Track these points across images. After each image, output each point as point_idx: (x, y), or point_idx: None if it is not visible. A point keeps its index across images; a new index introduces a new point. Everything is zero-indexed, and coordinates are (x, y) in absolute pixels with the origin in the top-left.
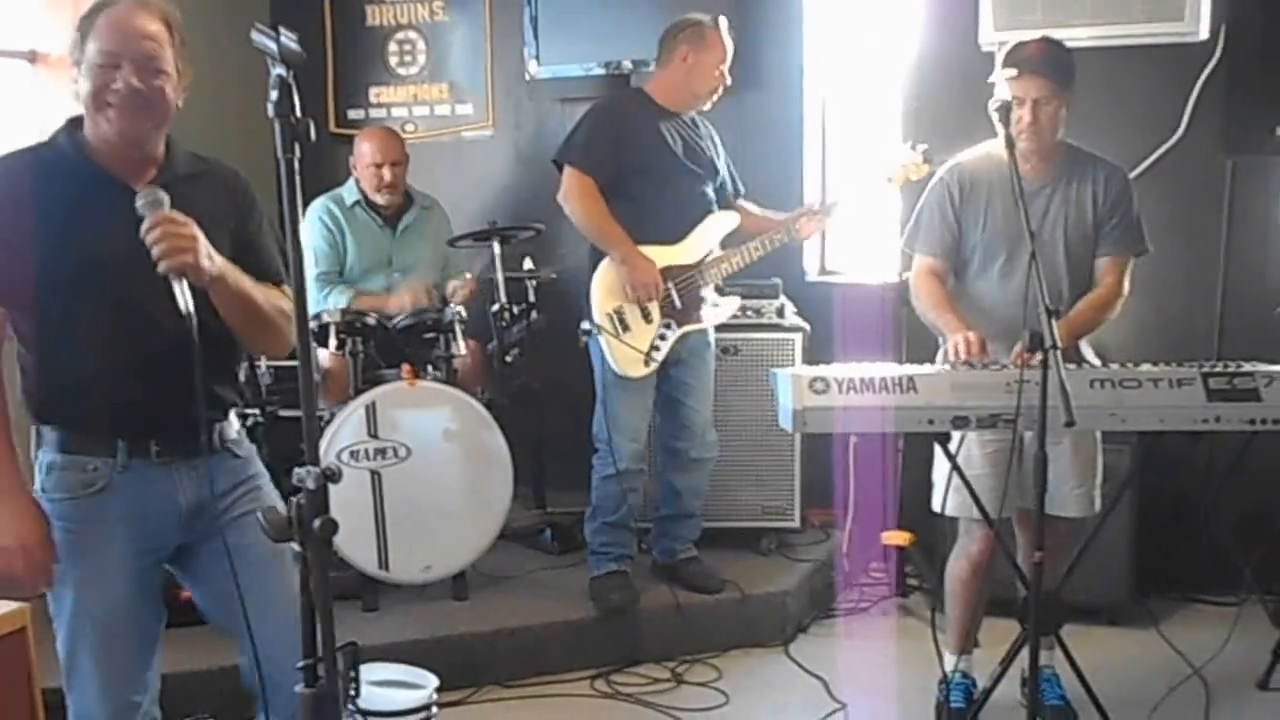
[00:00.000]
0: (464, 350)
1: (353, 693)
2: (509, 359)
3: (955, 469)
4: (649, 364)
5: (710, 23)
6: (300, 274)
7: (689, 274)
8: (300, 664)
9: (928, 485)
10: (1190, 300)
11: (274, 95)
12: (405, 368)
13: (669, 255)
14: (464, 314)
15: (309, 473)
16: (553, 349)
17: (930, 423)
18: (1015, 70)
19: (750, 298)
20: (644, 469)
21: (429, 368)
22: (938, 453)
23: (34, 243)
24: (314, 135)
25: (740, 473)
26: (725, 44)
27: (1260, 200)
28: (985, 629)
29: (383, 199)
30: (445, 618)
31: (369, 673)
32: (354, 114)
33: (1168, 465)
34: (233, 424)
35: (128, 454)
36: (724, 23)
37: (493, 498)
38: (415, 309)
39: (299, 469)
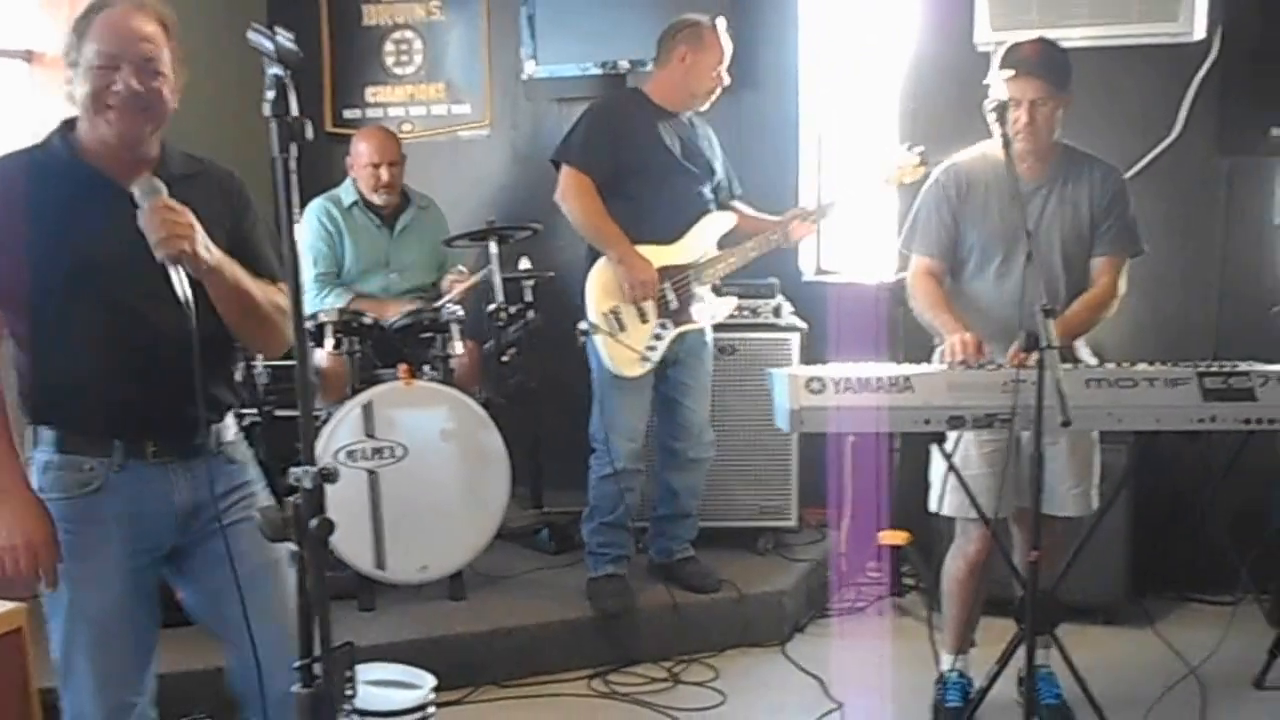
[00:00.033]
0: (461, 350)
1: (349, 693)
2: (506, 359)
3: (952, 469)
4: (645, 364)
5: (709, 23)
6: (296, 273)
7: (685, 274)
8: (297, 664)
9: (924, 485)
10: (1186, 300)
11: (270, 95)
12: (402, 367)
13: (666, 255)
14: (461, 314)
15: (306, 472)
16: (550, 349)
17: (926, 422)
18: (1012, 71)
19: (747, 297)
20: (641, 469)
21: (426, 367)
22: (935, 452)
23: (29, 245)
24: (310, 135)
25: (737, 472)
26: (723, 45)
27: (1256, 200)
28: (981, 628)
29: (380, 199)
30: (442, 617)
31: (365, 672)
32: (351, 114)
33: (1164, 465)
34: (230, 426)
35: (124, 454)
36: (722, 23)
37: (490, 497)
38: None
39: (296, 469)
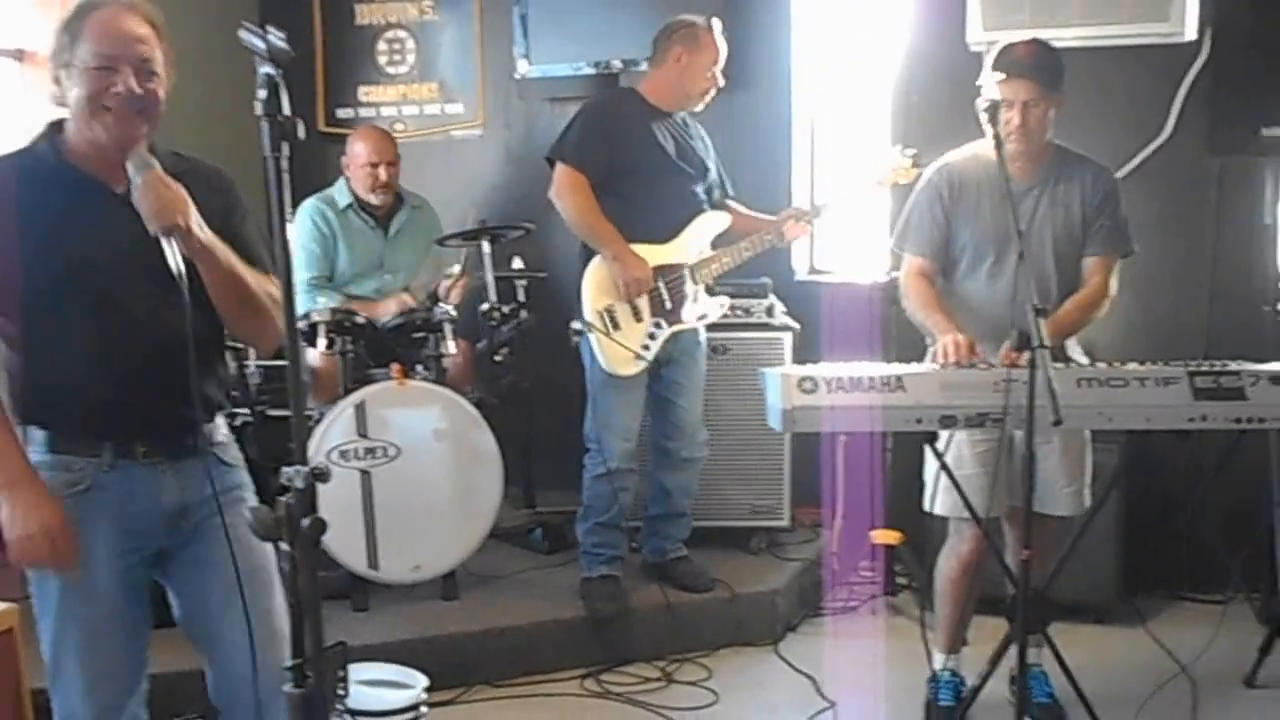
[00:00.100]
0: (454, 350)
1: (341, 692)
2: (499, 358)
3: (944, 468)
4: (639, 362)
5: (704, 24)
6: (288, 273)
7: (680, 273)
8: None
9: (916, 484)
10: (1177, 300)
11: (262, 94)
12: (395, 367)
13: (660, 254)
14: (454, 313)
15: (298, 472)
16: (542, 348)
17: (918, 422)
18: (1004, 73)
19: (740, 297)
20: (635, 468)
21: (418, 367)
22: (928, 452)
23: (19, 248)
24: (302, 134)
25: (730, 472)
26: (718, 46)
27: (1246, 200)
28: (974, 627)
29: (377, 199)
30: (435, 617)
31: (358, 672)
32: (343, 113)
33: (1155, 464)
34: (220, 427)
35: (113, 454)
36: (718, 25)
37: (482, 497)
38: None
39: (288, 469)
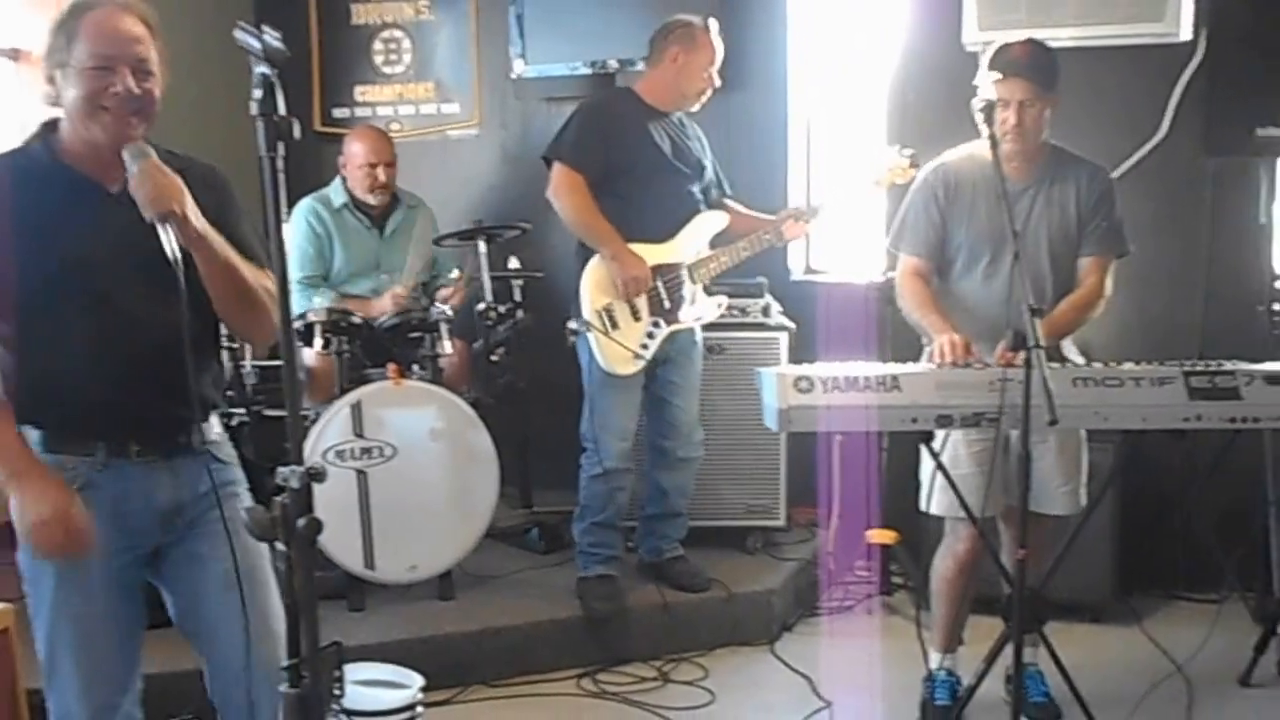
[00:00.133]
0: (450, 349)
1: (337, 692)
2: (495, 358)
3: (940, 468)
4: (638, 361)
5: (701, 24)
6: (284, 273)
7: (677, 273)
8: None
9: (912, 484)
10: (1172, 300)
11: (257, 94)
12: (391, 367)
13: (658, 254)
14: (450, 313)
15: (293, 472)
16: (539, 348)
17: (914, 421)
18: (1000, 73)
19: (736, 297)
20: (631, 468)
21: (415, 367)
22: (924, 452)
23: (13, 248)
24: (298, 134)
25: (726, 472)
26: (715, 46)
27: (1241, 200)
28: (969, 626)
29: (374, 199)
30: (431, 617)
31: (354, 672)
32: (339, 113)
33: (1150, 464)
34: (214, 426)
35: (107, 454)
36: (714, 25)
37: (479, 497)
38: (399, 309)
39: (283, 468)
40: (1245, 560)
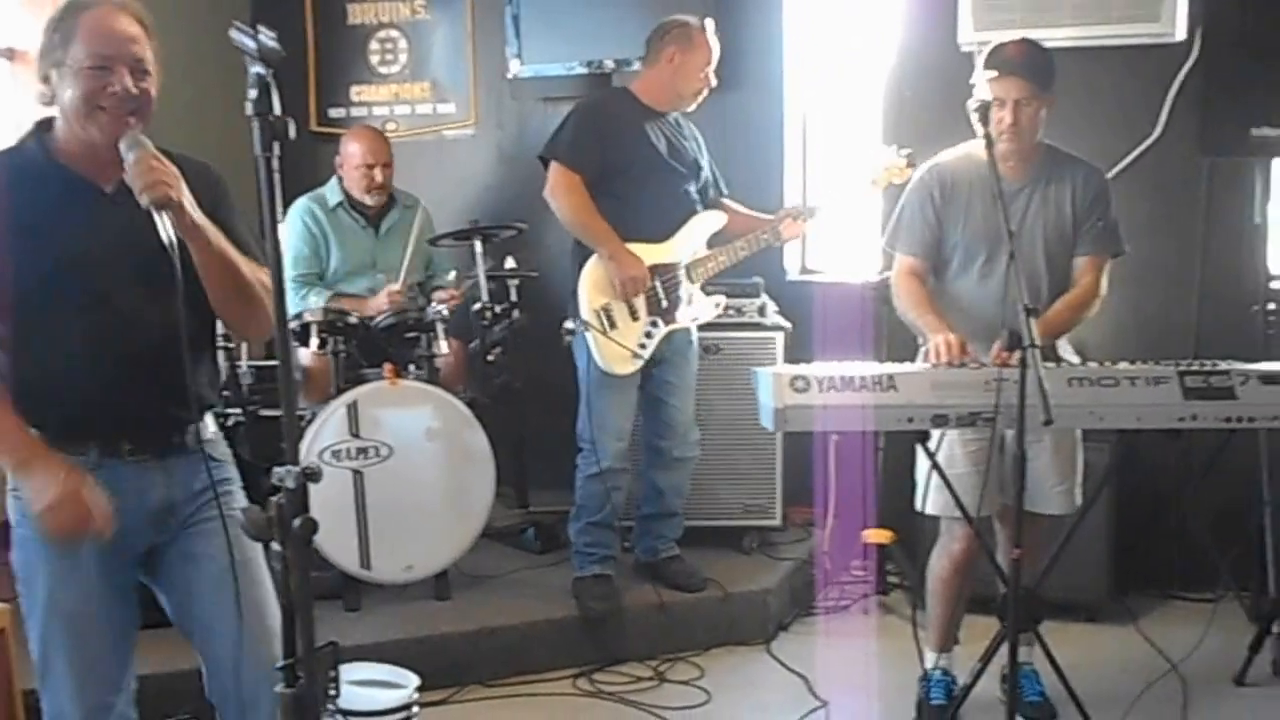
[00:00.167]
0: (446, 349)
1: (333, 692)
2: (491, 358)
3: (935, 468)
4: (636, 361)
5: (698, 25)
6: (279, 273)
7: (675, 272)
8: (280, 664)
9: (908, 483)
10: (1167, 300)
11: (252, 94)
12: (387, 367)
13: (655, 254)
14: (446, 313)
15: (289, 472)
16: (535, 348)
17: (910, 421)
18: (995, 71)
19: (732, 296)
20: (627, 468)
21: (411, 367)
22: (920, 451)
23: (9, 248)
24: (293, 134)
25: (722, 471)
26: (712, 46)
27: (1236, 200)
28: (965, 626)
29: (371, 200)
30: (427, 617)
31: (349, 672)
32: (335, 113)
33: (1145, 463)
34: (209, 425)
35: (99, 453)
36: (711, 25)
37: (475, 497)
38: (395, 309)
39: (279, 469)
40: (1240, 559)
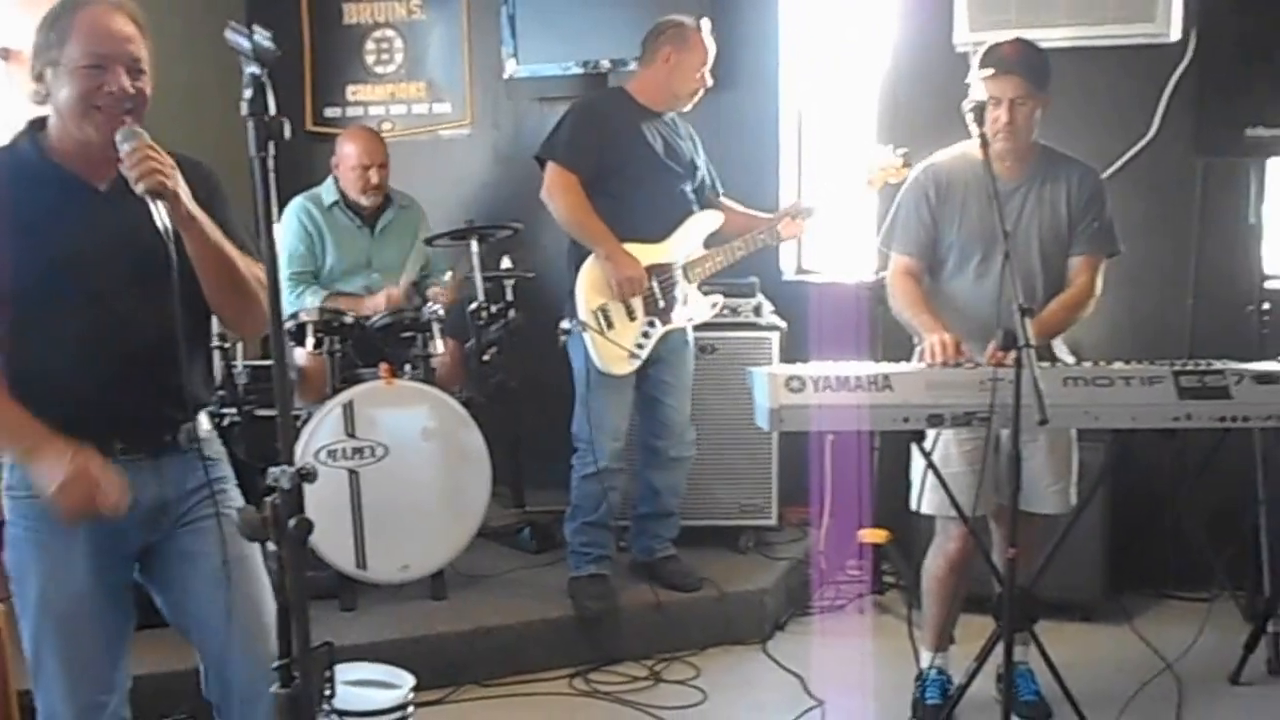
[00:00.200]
0: (442, 349)
1: (328, 693)
2: (487, 358)
3: (931, 467)
4: (633, 361)
5: (693, 25)
6: (275, 273)
7: (672, 272)
8: (276, 664)
9: (904, 483)
10: (1162, 299)
11: (248, 94)
12: (383, 367)
13: (652, 254)
14: (442, 313)
15: (284, 472)
16: (530, 348)
17: (905, 421)
18: (991, 70)
19: (727, 296)
20: (623, 468)
21: (407, 367)
22: (915, 451)
23: (4, 247)
24: (289, 133)
25: (718, 471)
26: (707, 46)
27: (1231, 200)
28: (961, 625)
29: (367, 200)
30: (423, 617)
31: (345, 672)
32: (331, 112)
33: (1140, 463)
34: (203, 424)
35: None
36: (706, 25)
37: (470, 497)
38: (392, 309)
39: (274, 468)
40: (1235, 559)
